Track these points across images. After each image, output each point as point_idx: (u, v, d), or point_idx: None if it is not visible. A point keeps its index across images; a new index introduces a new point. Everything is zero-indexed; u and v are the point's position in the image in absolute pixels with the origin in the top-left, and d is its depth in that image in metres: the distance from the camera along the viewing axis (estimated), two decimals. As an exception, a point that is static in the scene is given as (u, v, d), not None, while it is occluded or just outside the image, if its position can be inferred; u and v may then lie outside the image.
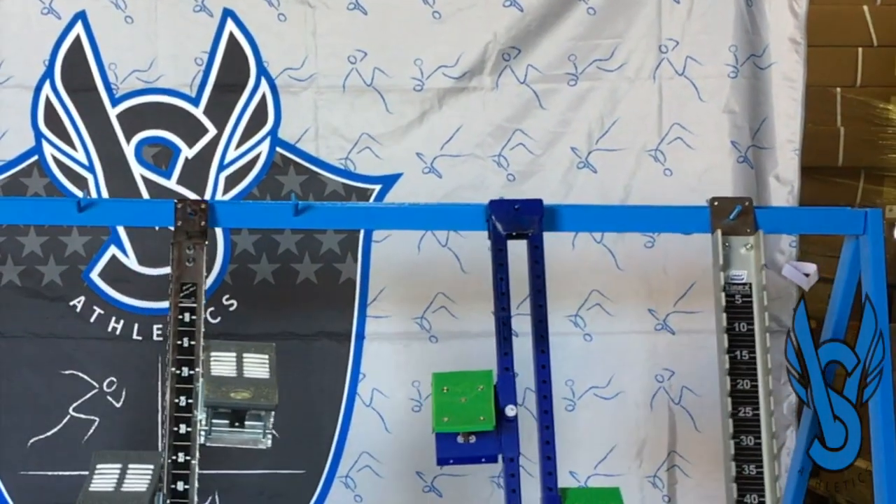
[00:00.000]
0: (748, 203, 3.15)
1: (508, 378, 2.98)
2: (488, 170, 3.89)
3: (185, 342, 2.98)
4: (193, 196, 3.84)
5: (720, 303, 3.08)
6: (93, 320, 3.87)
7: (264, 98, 3.87)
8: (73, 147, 3.86)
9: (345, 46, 3.86)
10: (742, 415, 3.02)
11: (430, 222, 3.48)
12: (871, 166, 5.76)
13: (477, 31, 3.86)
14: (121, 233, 3.86)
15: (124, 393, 3.87)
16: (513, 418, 2.93)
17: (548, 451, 2.99)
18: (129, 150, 3.87)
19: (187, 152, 3.87)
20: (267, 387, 2.97)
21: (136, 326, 3.87)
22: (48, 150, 3.85)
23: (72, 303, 3.86)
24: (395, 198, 3.85)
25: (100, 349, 3.88)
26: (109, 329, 3.87)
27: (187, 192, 3.87)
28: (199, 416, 2.92)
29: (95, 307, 3.86)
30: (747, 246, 3.12)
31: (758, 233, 3.13)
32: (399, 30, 3.86)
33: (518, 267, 3.12)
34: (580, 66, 3.86)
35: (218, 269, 3.87)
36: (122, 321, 3.87)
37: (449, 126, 3.89)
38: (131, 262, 3.88)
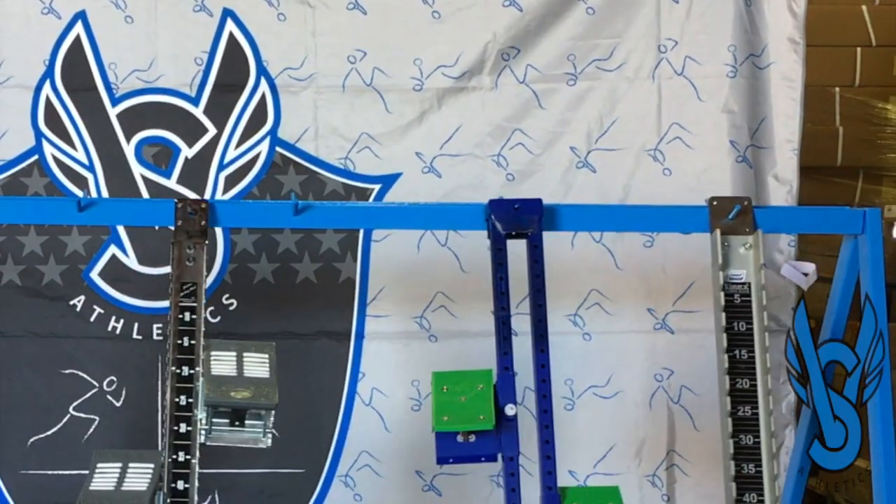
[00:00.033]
0: (747, 203, 3.16)
1: (508, 377, 2.98)
2: (487, 169, 3.89)
3: (186, 341, 2.98)
4: (193, 195, 3.85)
5: (719, 302, 3.08)
6: (93, 320, 3.87)
7: (264, 98, 3.87)
8: (74, 147, 3.86)
9: (344, 46, 3.86)
10: (741, 414, 3.02)
11: (429, 222, 3.48)
12: (870, 166, 5.76)
13: (476, 30, 3.86)
14: (121, 232, 3.86)
15: (124, 392, 3.88)
16: (512, 417, 2.92)
17: (547, 451, 2.99)
18: (129, 150, 3.87)
19: (187, 152, 3.88)
20: (267, 386, 2.97)
21: (136, 326, 3.87)
22: (48, 150, 3.86)
23: (72, 302, 3.86)
24: (394, 197, 3.85)
25: (100, 348, 3.88)
26: (109, 328, 3.87)
27: (187, 191, 3.87)
28: (200, 415, 2.92)
29: (95, 306, 3.87)
30: (746, 245, 3.12)
31: (756, 232, 3.13)
32: (398, 30, 3.86)
33: (517, 266, 3.12)
34: (579, 65, 3.87)
35: (218, 269, 3.87)
36: (122, 320, 3.87)
37: (448, 126, 3.89)
38: (131, 261, 3.88)
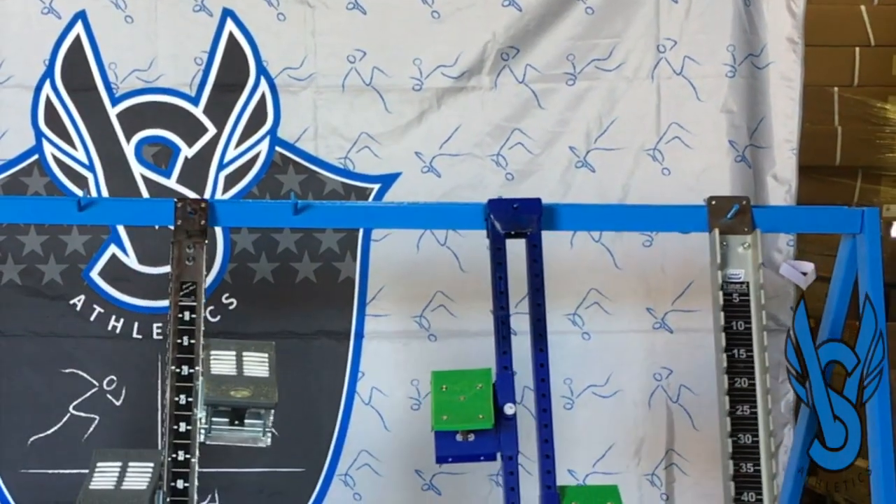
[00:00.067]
0: (745, 202, 3.16)
1: (507, 377, 2.98)
2: (487, 169, 3.89)
3: (185, 341, 2.98)
4: (193, 195, 3.85)
5: (718, 301, 3.09)
6: (93, 319, 3.87)
7: (264, 97, 3.87)
8: (74, 146, 3.86)
9: (344, 46, 3.87)
10: (740, 413, 3.02)
11: (428, 221, 3.48)
12: (869, 165, 5.76)
13: (476, 30, 3.86)
14: (121, 232, 3.86)
15: (124, 391, 3.88)
16: (511, 417, 2.92)
17: (546, 450, 2.99)
18: (129, 150, 3.88)
19: (187, 151, 3.88)
20: (266, 385, 2.97)
21: (135, 325, 3.88)
22: (48, 150, 3.86)
23: (72, 301, 3.87)
24: (393, 197, 3.85)
25: (100, 348, 3.88)
26: (109, 328, 3.88)
27: (187, 191, 3.87)
28: (199, 414, 2.92)
29: (95, 306, 3.87)
30: (745, 245, 3.12)
31: (755, 232, 3.13)
32: (398, 29, 3.87)
33: (517, 266, 3.12)
34: (578, 65, 3.87)
35: (218, 268, 3.87)
36: (122, 320, 3.88)
37: (448, 125, 3.89)
38: (131, 260, 3.88)
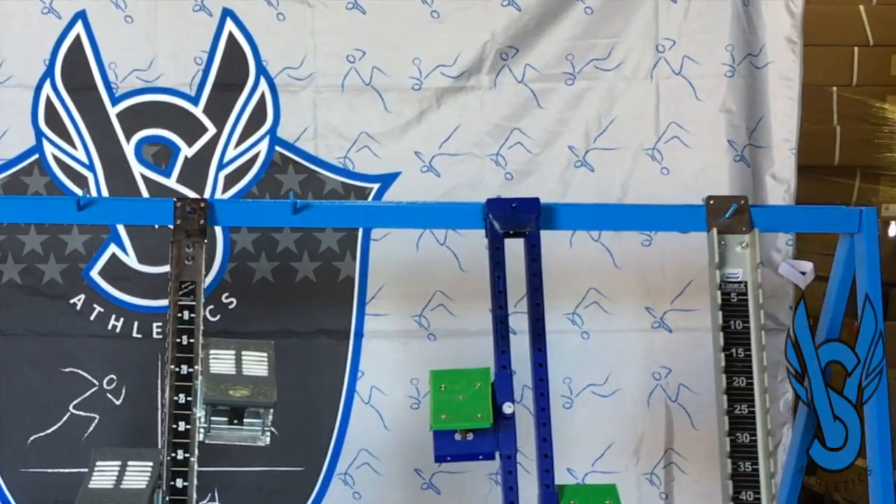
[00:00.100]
0: (743, 202, 3.15)
1: (506, 376, 2.98)
2: (486, 169, 3.89)
3: (185, 340, 2.98)
4: (193, 195, 3.85)
5: (716, 301, 3.08)
6: (93, 318, 3.88)
7: (263, 97, 3.88)
8: (74, 146, 3.87)
9: (343, 46, 3.87)
10: (738, 412, 3.02)
11: (427, 221, 3.48)
12: (867, 165, 5.77)
13: (475, 30, 3.87)
14: (121, 231, 3.87)
15: (124, 390, 3.88)
16: (510, 416, 2.91)
17: (545, 449, 2.99)
18: (128, 149, 3.88)
19: (187, 151, 3.88)
20: (265, 384, 2.97)
21: (135, 324, 3.88)
22: (48, 149, 3.86)
23: (72, 301, 3.87)
24: (393, 196, 3.86)
25: (100, 347, 3.89)
26: (109, 327, 3.88)
27: (187, 190, 3.88)
28: (198, 413, 2.92)
29: (95, 305, 3.87)
30: (743, 244, 3.12)
31: (753, 231, 3.13)
32: (397, 29, 3.87)
33: (516, 265, 3.12)
34: (578, 65, 3.87)
35: (217, 268, 3.88)
36: (121, 319, 3.88)
37: (447, 125, 3.89)
38: (131, 260, 3.89)
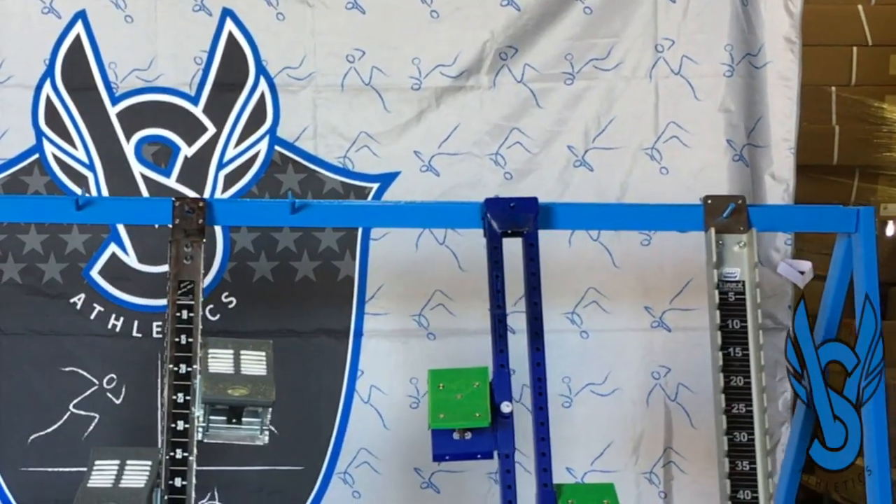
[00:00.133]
0: (741, 201, 3.15)
1: (504, 375, 2.98)
2: (486, 168, 3.90)
3: (183, 339, 2.98)
4: (193, 194, 3.86)
5: (713, 300, 3.08)
6: (93, 317, 3.88)
7: (263, 97, 3.88)
8: (74, 145, 3.87)
9: (343, 45, 3.87)
10: (735, 411, 3.02)
11: (425, 220, 3.48)
12: (866, 164, 5.77)
13: (474, 30, 3.87)
14: (121, 231, 3.87)
15: (124, 390, 3.89)
16: (508, 415, 2.91)
17: (543, 448, 2.98)
18: (128, 149, 3.89)
19: (187, 151, 3.89)
20: (264, 383, 2.97)
21: (135, 323, 3.89)
22: (49, 149, 3.87)
23: (72, 300, 3.88)
24: (393, 196, 3.86)
25: (100, 346, 3.89)
26: (109, 326, 3.89)
27: (187, 190, 3.88)
28: (197, 412, 2.92)
29: (95, 304, 3.88)
30: (740, 244, 3.12)
31: (751, 231, 3.13)
32: (397, 29, 3.87)
33: (516, 264, 3.12)
34: (577, 65, 3.88)
35: (217, 267, 3.88)
36: (121, 318, 3.89)
37: (447, 125, 3.90)
38: (131, 259, 3.89)
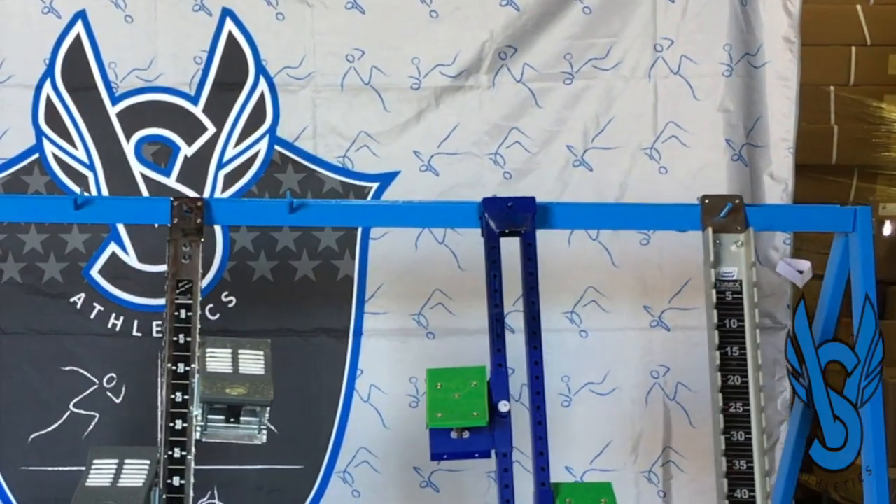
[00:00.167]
0: (738, 201, 3.16)
1: (502, 374, 2.98)
2: (485, 168, 3.90)
3: (181, 339, 2.98)
4: (193, 194, 3.86)
5: (711, 299, 3.09)
6: (93, 317, 3.89)
7: (263, 96, 3.89)
8: (74, 145, 3.88)
9: (343, 45, 3.88)
10: (733, 410, 3.02)
11: (423, 220, 3.49)
12: (865, 164, 5.78)
13: (474, 30, 3.87)
14: (121, 230, 3.88)
15: (124, 389, 3.89)
16: (506, 414, 2.92)
17: (540, 447, 2.99)
18: (128, 148, 3.89)
19: (186, 150, 3.89)
20: (262, 383, 2.97)
21: (135, 323, 3.89)
22: (49, 149, 3.88)
23: (72, 299, 3.88)
24: (392, 195, 3.86)
25: (100, 345, 3.89)
26: (109, 325, 3.89)
27: (186, 189, 3.89)
28: (195, 411, 2.93)
29: (95, 304, 3.89)
30: (738, 243, 3.12)
31: (748, 230, 3.13)
32: (397, 29, 3.87)
33: (515, 263, 3.12)
34: (576, 64, 3.88)
35: (217, 267, 3.89)
36: (122, 318, 3.89)
37: (446, 124, 3.90)
38: (131, 259, 3.90)
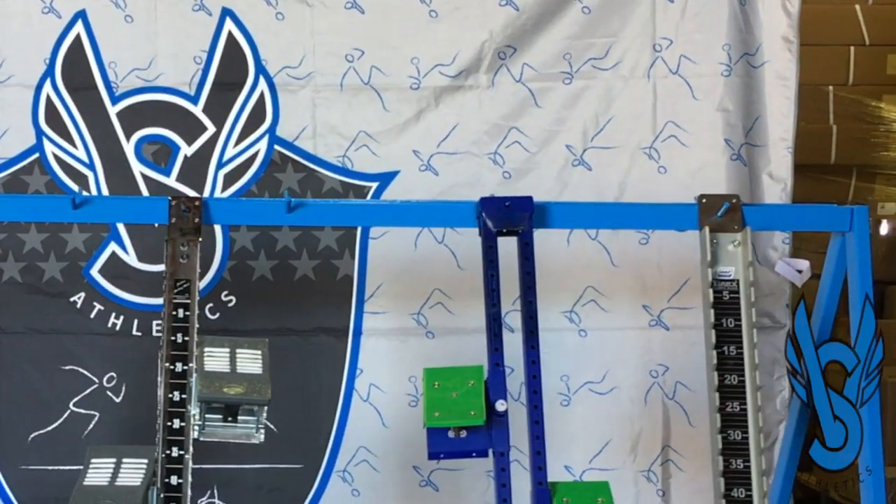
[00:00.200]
0: (735, 200, 3.17)
1: (499, 373, 2.99)
2: (484, 167, 3.90)
3: (179, 338, 2.99)
4: (192, 193, 3.87)
5: (708, 299, 3.09)
6: (93, 316, 3.89)
7: (262, 96, 3.89)
8: (74, 145, 3.88)
9: (342, 45, 3.88)
10: (730, 410, 3.03)
11: (421, 219, 3.50)
12: (863, 164, 5.78)
13: (473, 29, 3.87)
14: (120, 230, 3.88)
15: (124, 388, 3.90)
16: (503, 413, 2.92)
17: (538, 446, 2.99)
18: (128, 148, 3.90)
19: (186, 150, 3.90)
20: (260, 382, 2.98)
21: (135, 322, 3.90)
22: (49, 148, 3.88)
23: (72, 299, 3.89)
24: (392, 195, 3.86)
25: (100, 345, 3.90)
26: (109, 325, 3.90)
27: (186, 189, 3.89)
28: (193, 410, 2.93)
29: (95, 303, 3.89)
30: (735, 243, 3.13)
31: (745, 229, 3.13)
32: (396, 28, 3.88)
33: (515, 263, 3.12)
34: (575, 64, 3.88)
35: (217, 266, 3.89)
36: (121, 317, 3.90)
37: (445, 124, 3.90)
38: (131, 258, 3.90)
